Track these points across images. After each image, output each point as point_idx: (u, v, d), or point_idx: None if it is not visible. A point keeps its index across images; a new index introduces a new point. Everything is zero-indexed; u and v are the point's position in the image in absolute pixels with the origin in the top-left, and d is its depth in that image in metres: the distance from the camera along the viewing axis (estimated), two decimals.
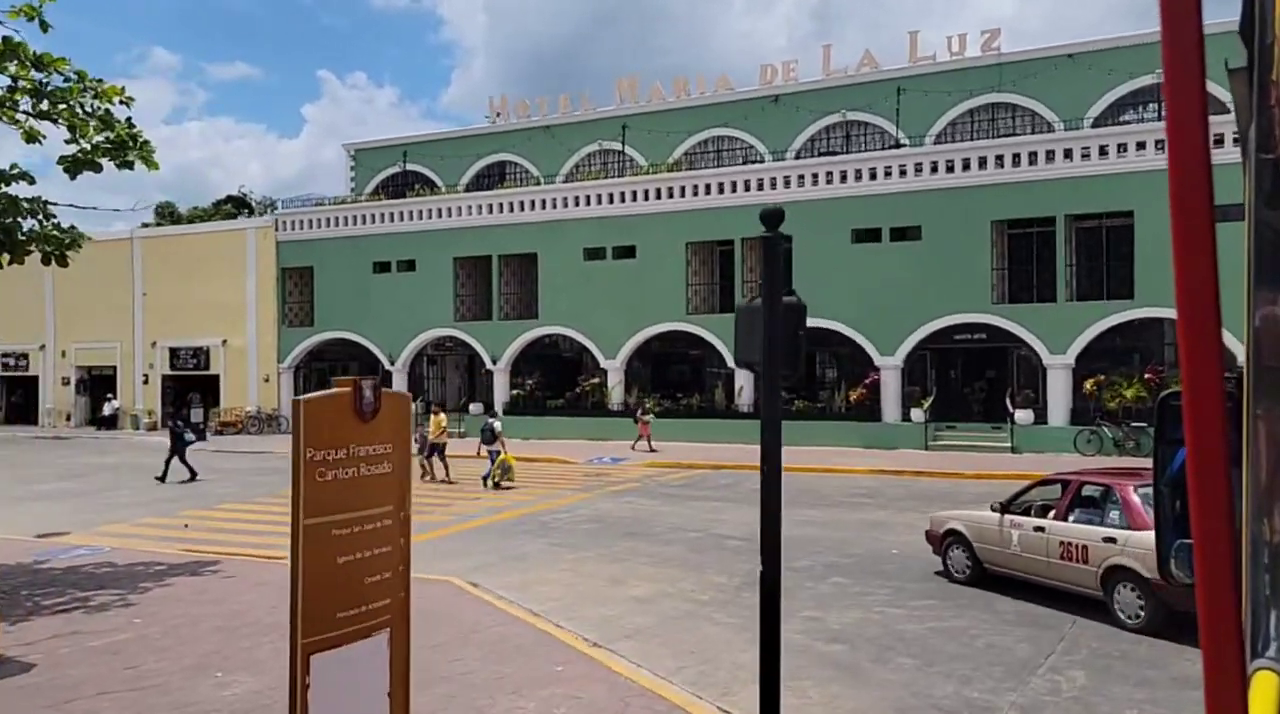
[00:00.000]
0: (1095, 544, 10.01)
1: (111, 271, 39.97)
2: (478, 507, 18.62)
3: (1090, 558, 10.05)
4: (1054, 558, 10.49)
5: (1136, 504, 9.75)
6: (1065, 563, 10.35)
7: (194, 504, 19.41)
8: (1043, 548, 10.64)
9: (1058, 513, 10.73)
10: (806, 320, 6.20)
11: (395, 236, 34.89)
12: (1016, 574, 11.12)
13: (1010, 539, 11.11)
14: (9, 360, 42.83)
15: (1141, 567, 9.34)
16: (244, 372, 37.68)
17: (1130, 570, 9.56)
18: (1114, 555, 9.76)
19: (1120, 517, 9.93)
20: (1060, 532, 10.48)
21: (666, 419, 30.36)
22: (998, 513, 11.38)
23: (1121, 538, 9.73)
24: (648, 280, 30.89)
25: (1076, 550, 10.22)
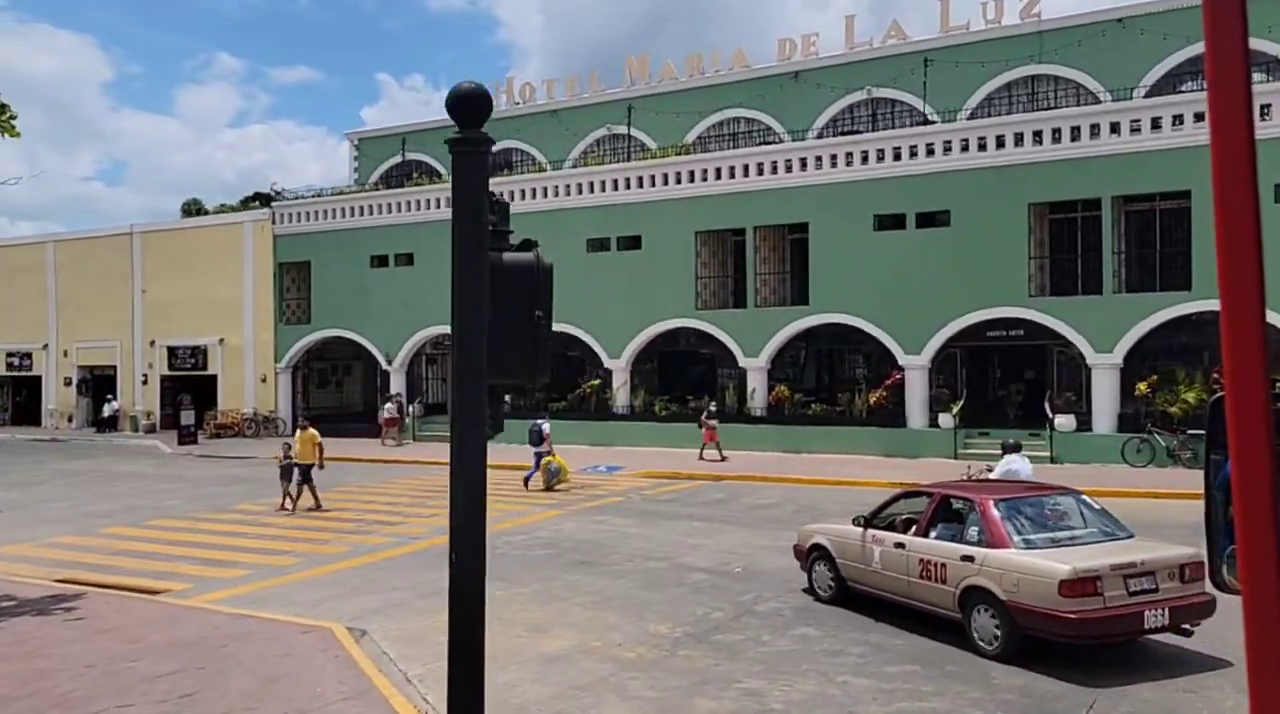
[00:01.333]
0: (954, 563, 9.16)
1: (112, 268, 38.75)
2: (427, 526, 16.50)
3: (949, 578, 9.18)
4: (914, 577, 9.61)
5: (996, 519, 8.98)
6: (925, 582, 9.48)
7: (126, 519, 17.59)
8: (903, 566, 9.75)
9: (919, 528, 9.82)
10: (551, 288, 3.90)
11: (393, 228, 33.00)
12: (879, 593, 10.19)
13: (872, 556, 10.21)
14: (13, 360, 41.91)
15: (997, 588, 8.64)
16: (241, 371, 36.12)
17: (987, 592, 8.76)
18: (971, 575, 8.92)
19: (979, 534, 9.10)
20: (920, 549, 9.61)
21: (673, 423, 28.05)
22: (860, 527, 10.50)
23: (979, 556, 8.92)
24: (655, 273, 28.59)
25: (935, 569, 9.36)
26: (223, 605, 11.16)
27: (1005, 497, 9.50)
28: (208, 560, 13.88)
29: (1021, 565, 8.58)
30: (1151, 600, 8.37)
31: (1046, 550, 8.75)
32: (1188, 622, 8.61)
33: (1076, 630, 8.17)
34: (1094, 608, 8.16)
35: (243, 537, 15.76)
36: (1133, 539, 9.17)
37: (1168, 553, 8.76)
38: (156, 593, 11.98)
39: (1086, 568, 8.24)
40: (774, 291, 28.18)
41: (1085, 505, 9.64)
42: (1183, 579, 8.57)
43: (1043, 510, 9.45)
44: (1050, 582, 8.24)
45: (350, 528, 16.42)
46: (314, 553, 14.33)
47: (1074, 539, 9.04)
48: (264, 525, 16.84)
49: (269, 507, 18.86)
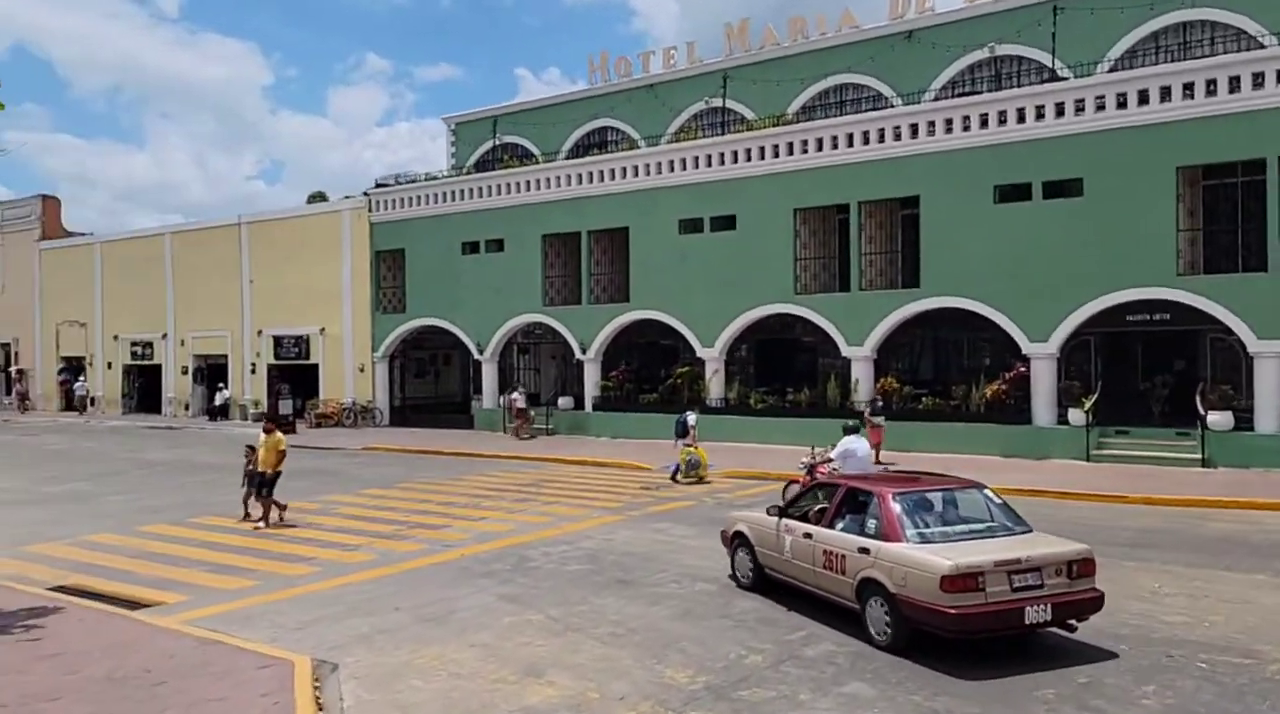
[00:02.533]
0: (852, 554, 9.34)
1: (223, 258, 39.27)
2: (469, 532, 15.08)
3: (847, 569, 9.37)
4: (818, 566, 9.83)
5: (893, 513, 9.12)
6: (828, 573, 9.69)
7: (173, 516, 16.88)
8: (810, 555, 9.97)
9: (826, 519, 10.00)
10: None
11: (483, 214, 31.95)
12: (791, 581, 10.43)
13: (784, 544, 10.43)
14: (137, 349, 43.18)
15: (888, 581, 8.78)
16: (341, 361, 35.91)
17: (879, 584, 8.90)
18: (866, 567, 9.09)
19: (877, 526, 9.24)
20: (824, 539, 9.81)
21: (769, 417, 25.94)
22: (775, 516, 10.73)
23: (874, 549, 9.07)
24: (750, 255, 26.48)
25: (836, 560, 9.56)
26: (202, 625, 9.96)
27: (905, 490, 9.55)
28: (222, 567, 12.81)
29: (909, 559, 8.67)
30: (1035, 597, 8.45)
31: (936, 545, 8.80)
32: (1073, 618, 8.74)
33: (957, 625, 8.26)
34: (975, 603, 8.27)
35: (273, 539, 14.70)
36: (1030, 535, 9.19)
37: (1056, 549, 8.80)
38: (146, 606, 10.92)
39: (968, 563, 8.34)
40: (881, 273, 25.63)
41: (989, 500, 9.65)
42: (1070, 576, 8.65)
43: (942, 505, 9.55)
44: (932, 576, 8.34)
45: (389, 531, 15.16)
46: (336, 561, 13.09)
47: (969, 534, 9.11)
48: (302, 526, 15.78)
49: (321, 504, 17.88)
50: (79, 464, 25.09)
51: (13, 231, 48.33)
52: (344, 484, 20.72)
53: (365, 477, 21.88)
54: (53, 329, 46.34)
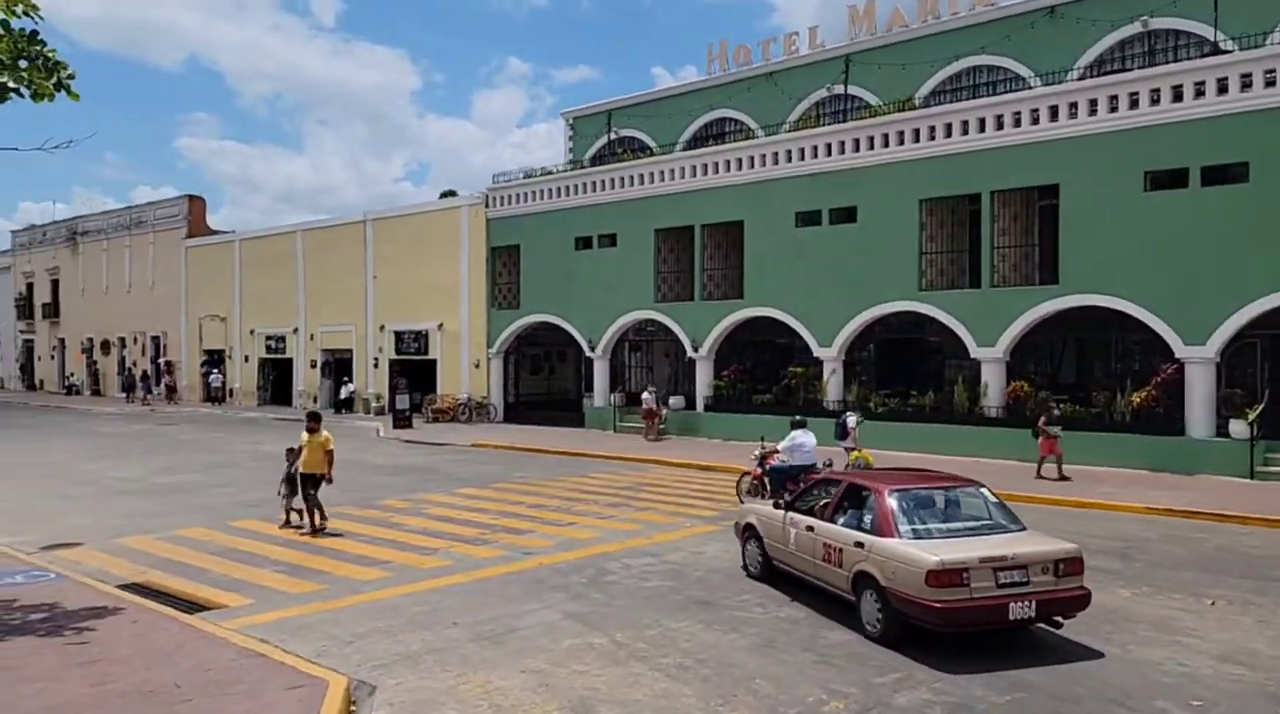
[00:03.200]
0: (849, 548, 9.62)
1: (349, 255, 40.11)
2: (553, 538, 14.35)
3: (844, 562, 9.67)
4: (819, 559, 10.17)
5: (887, 509, 9.39)
6: (827, 565, 10.01)
7: (266, 511, 16.81)
8: (812, 548, 10.32)
9: (827, 513, 10.32)
10: None
11: (596, 208, 31.37)
12: (795, 572, 10.81)
13: (789, 537, 10.80)
14: (271, 342, 44.68)
15: (880, 574, 9.03)
16: (458, 356, 36.07)
17: (872, 577, 9.16)
18: (861, 561, 9.39)
19: (872, 521, 9.51)
20: (825, 533, 10.13)
21: (890, 422, 24.34)
22: (782, 509, 11.12)
23: (868, 543, 9.36)
24: (872, 249, 24.93)
25: (834, 553, 9.86)
26: (255, 633, 9.52)
27: (902, 487, 9.77)
28: (297, 569, 12.46)
29: (898, 554, 8.92)
30: (1020, 593, 8.63)
31: (927, 541, 9.03)
32: (1058, 614, 8.94)
33: (941, 619, 8.49)
34: (959, 598, 8.49)
35: (353, 540, 14.32)
36: (1023, 534, 9.35)
37: (1043, 548, 8.97)
38: (208, 609, 10.59)
39: (953, 559, 8.58)
40: (1015, 268, 23.66)
41: (985, 498, 9.86)
42: (1057, 574, 8.82)
43: (938, 502, 9.86)
44: (919, 571, 8.58)
45: (472, 534, 14.59)
46: (411, 566, 12.56)
47: (962, 531, 9.34)
48: (387, 526, 15.40)
49: (412, 503, 17.54)
50: (198, 455, 25.76)
51: (163, 230, 50.93)
52: (442, 482, 20.41)
53: (464, 475, 21.54)
54: (196, 323, 48.52)
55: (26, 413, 43.50)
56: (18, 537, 14.71)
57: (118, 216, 54.47)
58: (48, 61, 10.18)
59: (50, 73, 10.19)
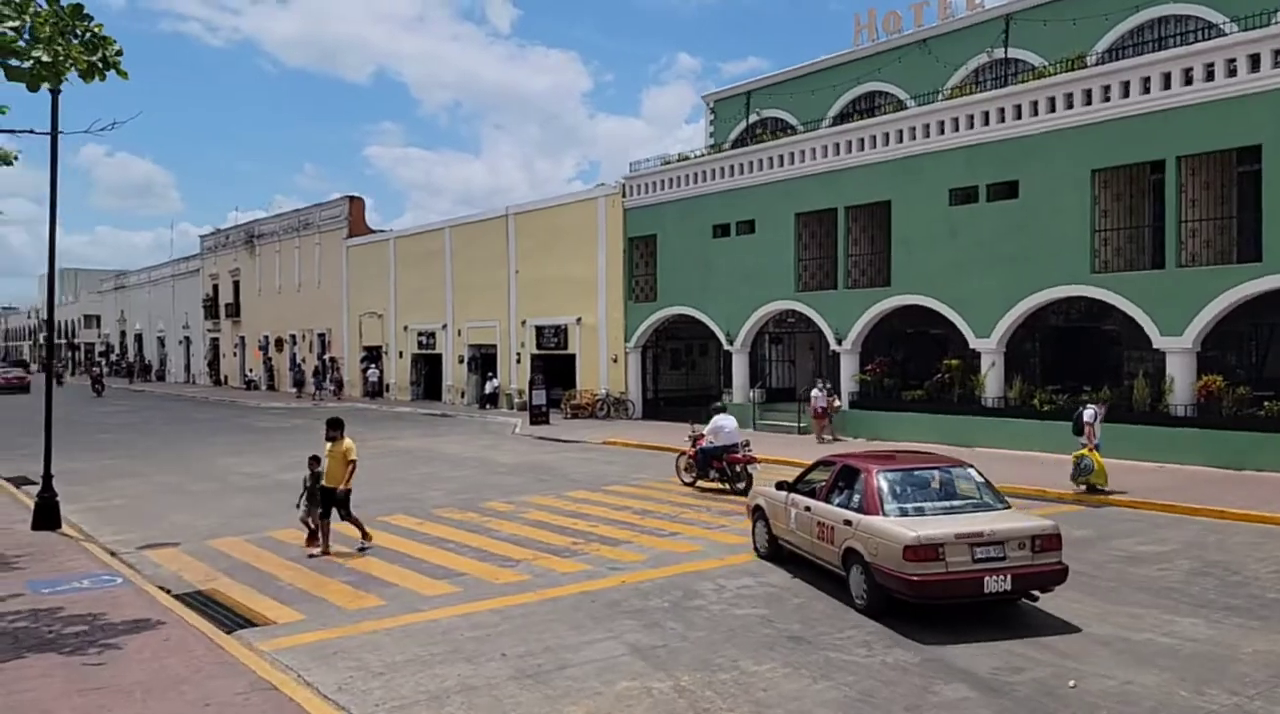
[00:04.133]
0: (839, 526, 10.09)
1: (493, 249, 40.08)
2: (648, 551, 12.95)
3: (835, 539, 10.16)
4: (815, 537, 10.67)
5: (873, 488, 9.84)
6: (821, 542, 10.52)
7: (363, 513, 16.22)
8: (809, 526, 10.79)
9: (823, 493, 10.79)
10: None
11: (734, 194, 29.73)
12: (796, 550, 11.34)
13: (790, 516, 11.33)
14: (422, 338, 45.37)
15: (864, 550, 9.53)
16: (596, 351, 35.25)
17: (858, 553, 9.66)
18: (849, 538, 9.85)
19: (860, 500, 9.97)
20: (820, 512, 10.61)
21: (1058, 421, 21.60)
22: (784, 491, 11.63)
23: (855, 521, 9.82)
24: (1036, 228, 22.24)
25: (827, 531, 10.37)
26: (288, 656, 8.66)
27: (890, 467, 10.25)
28: (366, 579, 11.61)
29: (880, 530, 9.39)
30: (995, 568, 9.04)
31: (908, 519, 9.48)
32: (1035, 589, 9.40)
33: (917, 592, 8.97)
34: (935, 572, 8.95)
35: (434, 547, 13.40)
36: (1005, 511, 9.77)
37: (1020, 525, 9.38)
38: (254, 625, 9.82)
39: (929, 536, 9.04)
40: (1207, 245, 20.46)
41: (971, 478, 10.29)
42: (1033, 550, 9.22)
43: (924, 481, 10.22)
44: (897, 546, 9.07)
45: (563, 544, 13.40)
46: (483, 581, 11.47)
47: (945, 510, 9.75)
48: (479, 531, 14.44)
49: (516, 505, 16.56)
50: None
51: (327, 230, 52.79)
52: (554, 483, 19.41)
53: (580, 475, 20.47)
54: (356, 320, 49.98)
55: (201, 407, 45.89)
56: (126, 535, 14.65)
57: (288, 219, 56.96)
58: (95, 37, 9.64)
59: (94, 48, 9.64)
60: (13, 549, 12.93)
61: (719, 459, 17.81)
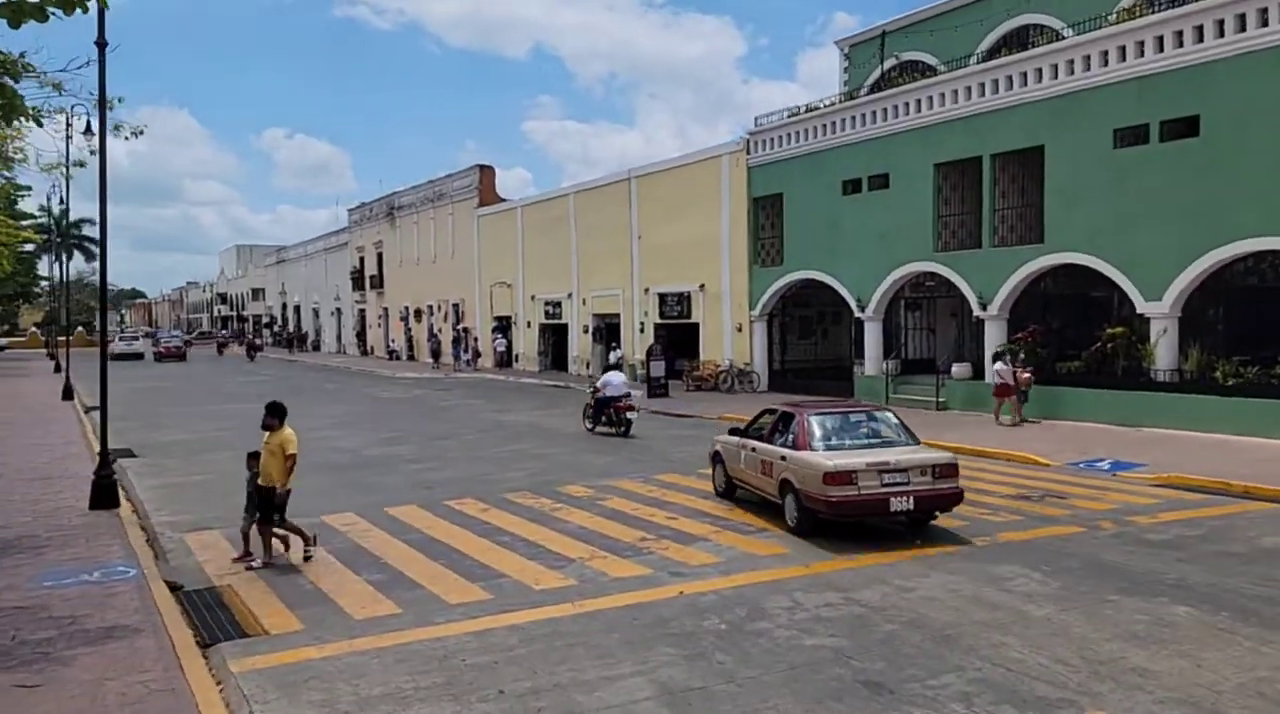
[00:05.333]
0: (777, 461, 11.95)
1: (615, 215, 38.55)
2: (718, 554, 11.03)
3: (774, 472, 12.01)
4: (758, 472, 12.57)
5: (803, 427, 11.74)
6: (763, 476, 12.39)
7: (452, 491, 14.98)
8: (754, 464, 12.66)
9: (766, 436, 12.60)
10: None
11: (866, 146, 27.00)
12: (745, 486, 13.30)
13: (740, 457, 13.24)
14: (549, 308, 44.44)
15: (795, 479, 11.39)
16: (719, 319, 33.24)
17: (790, 482, 11.51)
18: (784, 470, 11.69)
19: (793, 439, 11.79)
20: (762, 451, 12.44)
21: (1244, 397, 18.32)
22: (737, 437, 13.59)
23: (789, 456, 11.68)
24: (1221, 171, 18.79)
25: (768, 466, 12.23)
26: (254, 680, 7.31)
27: (819, 411, 12.27)
28: (395, 579, 10.21)
29: (807, 461, 11.28)
30: (900, 491, 10.90)
31: (829, 452, 11.33)
32: (935, 510, 11.43)
33: (834, 511, 10.91)
34: (849, 494, 10.83)
35: (487, 541, 11.91)
36: (914, 446, 11.65)
37: (923, 456, 11.31)
38: (247, 635, 8.56)
39: (845, 464, 10.96)
40: None
41: (886, 420, 12.22)
42: (934, 476, 11.12)
43: (846, 422, 12.10)
44: (818, 474, 10.95)
45: (628, 540, 11.65)
46: (521, 585, 9.88)
47: (864, 445, 11.61)
48: (539, 520, 12.89)
49: (596, 490, 14.93)
50: (437, 423, 25.01)
51: (459, 200, 52.62)
52: (647, 464, 17.69)
53: (679, 456, 18.67)
54: (488, 290, 49.62)
55: (336, 376, 46.60)
56: (183, 515, 13.93)
57: (424, 190, 57.21)
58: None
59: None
60: (54, 531, 12.27)
61: (608, 407, 21.74)
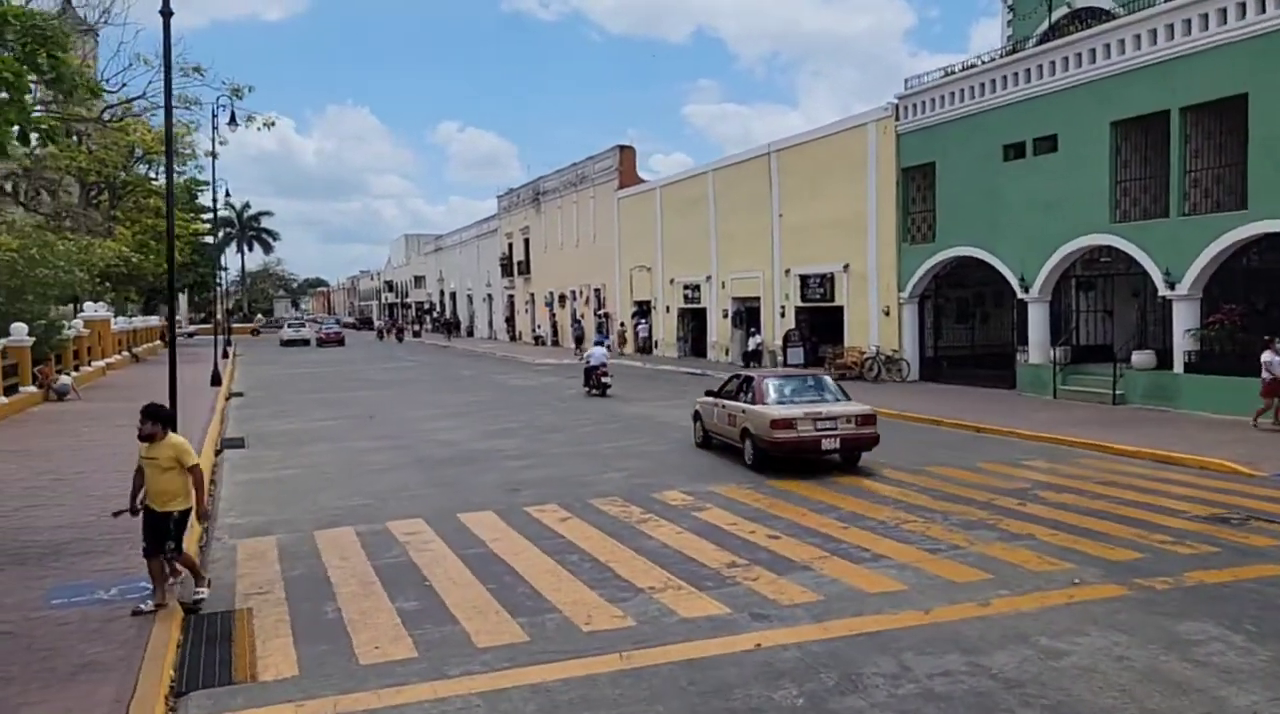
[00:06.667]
0: (738, 414, 15.62)
1: (755, 193, 36.38)
2: (819, 589, 9.02)
3: (736, 422, 15.72)
4: (725, 424, 16.30)
5: (759, 388, 15.47)
6: (728, 426, 16.09)
7: (536, 495, 13.54)
8: (724, 418, 16.33)
9: (732, 395, 16.36)
10: None
11: (1031, 104, 23.84)
12: (717, 436, 16.94)
13: (713, 414, 16.97)
14: (688, 292, 42.67)
15: (751, 426, 15.07)
16: (865, 302, 30.62)
17: (747, 429, 15.22)
18: (743, 421, 15.40)
19: (751, 396, 15.47)
20: (730, 407, 16.11)
21: None
22: (711, 397, 17.30)
23: (747, 410, 15.34)
24: None
25: (732, 418, 15.91)
26: None
27: (772, 376, 16.24)
28: (420, 610, 8.75)
29: (759, 413, 14.91)
30: (829, 434, 14.52)
31: (779, 405, 14.93)
32: (857, 450, 14.97)
33: (778, 449, 14.54)
34: (790, 436, 14.46)
35: (551, 554, 10.30)
36: (845, 401, 15.41)
37: (848, 408, 15.02)
38: (233, 682, 7.27)
39: (786, 414, 14.55)
40: None
41: (823, 381, 16.04)
42: (857, 424, 14.72)
43: (793, 383, 15.90)
44: (767, 421, 14.56)
45: (714, 566, 9.79)
46: (566, 625, 8.21)
47: (805, 401, 15.18)
48: (618, 535, 11.18)
49: (692, 498, 13.09)
50: (551, 415, 23.72)
51: (600, 183, 51.57)
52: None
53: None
54: (627, 274, 48.38)
55: (478, 362, 46.43)
56: (251, 516, 12.96)
57: (566, 174, 56.52)
58: None
59: None
60: (106, 534, 11.47)
61: (594, 373, 27.77)
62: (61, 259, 31.42)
